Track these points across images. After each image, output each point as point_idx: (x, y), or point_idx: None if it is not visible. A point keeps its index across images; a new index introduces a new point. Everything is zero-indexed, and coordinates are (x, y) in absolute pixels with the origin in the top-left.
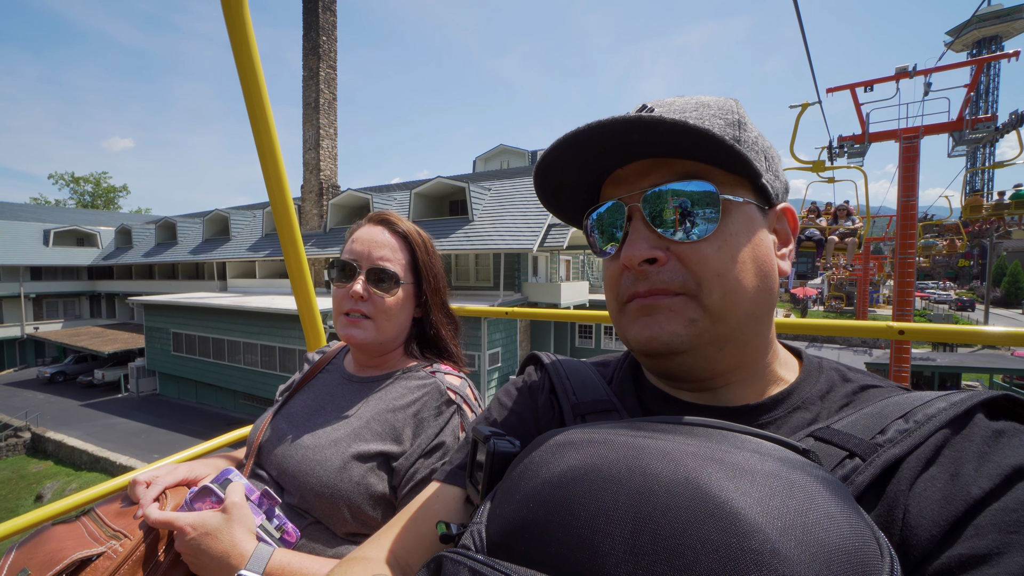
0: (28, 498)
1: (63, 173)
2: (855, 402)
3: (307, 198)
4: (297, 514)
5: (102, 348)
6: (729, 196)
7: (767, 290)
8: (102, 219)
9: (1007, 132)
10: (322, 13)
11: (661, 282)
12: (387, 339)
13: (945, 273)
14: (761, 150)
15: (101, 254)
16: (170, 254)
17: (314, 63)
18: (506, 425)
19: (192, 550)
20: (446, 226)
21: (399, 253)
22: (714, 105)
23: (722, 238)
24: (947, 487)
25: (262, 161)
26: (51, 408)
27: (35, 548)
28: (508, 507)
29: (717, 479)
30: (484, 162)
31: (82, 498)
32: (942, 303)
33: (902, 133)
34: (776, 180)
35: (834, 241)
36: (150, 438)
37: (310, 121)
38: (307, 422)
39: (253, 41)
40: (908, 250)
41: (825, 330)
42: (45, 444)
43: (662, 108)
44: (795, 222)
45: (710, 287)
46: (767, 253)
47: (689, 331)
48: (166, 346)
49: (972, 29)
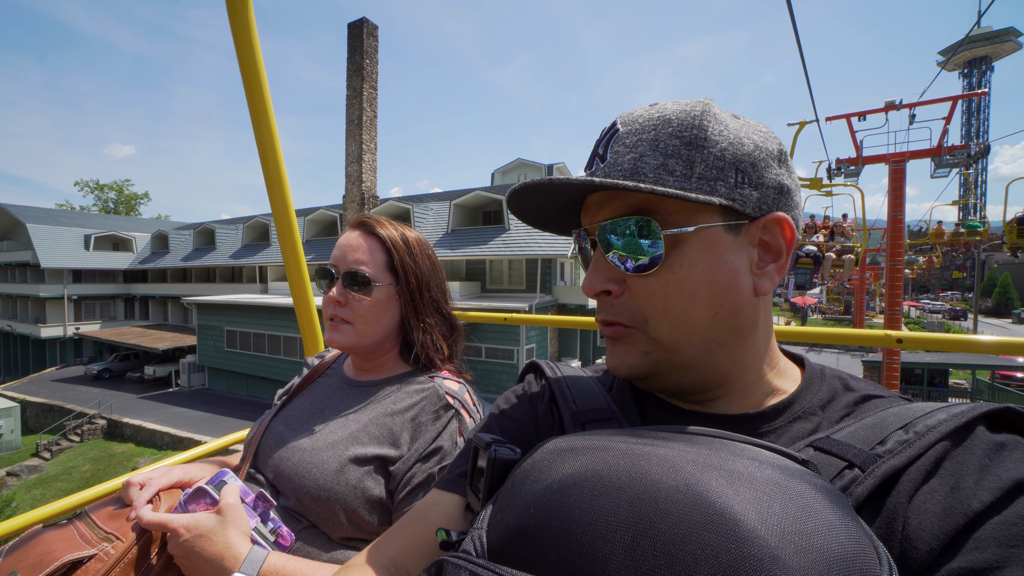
0: (125, 470)
1: (88, 180)
2: (856, 412)
3: (349, 207)
4: (292, 517)
5: (153, 345)
6: (675, 229)
7: (730, 316)
8: (135, 225)
9: (978, 159)
10: (366, 39)
11: (613, 314)
12: (370, 342)
13: (940, 284)
14: (730, 163)
15: (136, 258)
16: (209, 258)
17: (357, 83)
18: (506, 433)
19: (185, 552)
20: (485, 234)
21: (376, 255)
22: (675, 120)
23: (670, 271)
24: (947, 499)
25: (264, 170)
26: (112, 400)
27: (25, 551)
28: (509, 513)
29: (716, 486)
30: (502, 175)
31: (75, 501)
32: (936, 312)
33: (891, 157)
34: (756, 190)
35: (831, 258)
36: (216, 424)
37: (353, 136)
38: (304, 425)
39: (258, 50)
40: (897, 259)
41: (825, 338)
42: (123, 429)
43: (626, 125)
44: (790, 232)
45: (656, 322)
46: (732, 278)
47: (645, 361)
48: (219, 343)
49: (963, 50)
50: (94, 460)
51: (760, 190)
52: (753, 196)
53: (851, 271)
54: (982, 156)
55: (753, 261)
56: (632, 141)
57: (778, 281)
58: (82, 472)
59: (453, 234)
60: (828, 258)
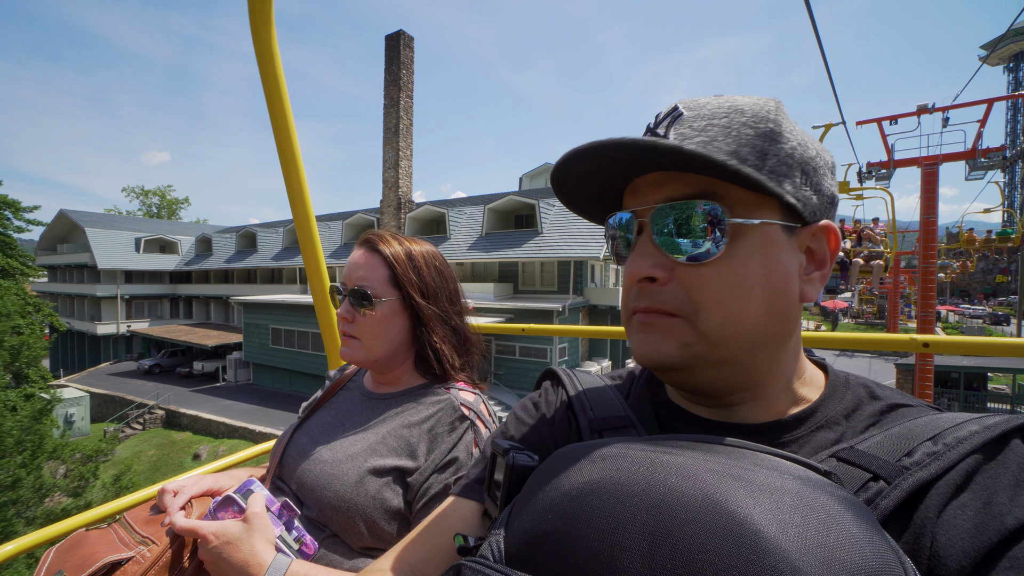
0: (187, 457)
1: (133, 187)
2: (882, 422)
3: (386, 211)
4: (315, 527)
5: (201, 342)
6: (740, 219)
7: (778, 318)
8: (179, 229)
9: (1015, 162)
10: (403, 50)
11: (659, 302)
12: (379, 356)
13: (982, 289)
14: (798, 163)
15: (182, 260)
16: (251, 260)
17: (395, 93)
18: (523, 440)
19: (214, 558)
20: (518, 237)
21: (378, 270)
22: (748, 111)
23: (728, 262)
24: (979, 515)
25: (286, 179)
26: (167, 392)
27: (71, 551)
28: (526, 519)
29: (736, 496)
30: (530, 179)
31: (114, 507)
32: (977, 318)
33: (923, 160)
34: (815, 195)
35: (859, 264)
36: (264, 415)
37: (390, 143)
38: (326, 437)
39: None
40: (930, 262)
41: (852, 344)
42: (180, 418)
43: (691, 110)
44: (836, 241)
45: (708, 314)
46: (784, 279)
47: (682, 353)
48: (264, 340)
49: (1008, 43)
50: (157, 446)
51: (819, 196)
52: (813, 200)
53: (880, 277)
54: (1020, 158)
55: (802, 266)
56: (701, 124)
57: (820, 290)
58: (149, 456)
59: (487, 237)
60: (855, 264)
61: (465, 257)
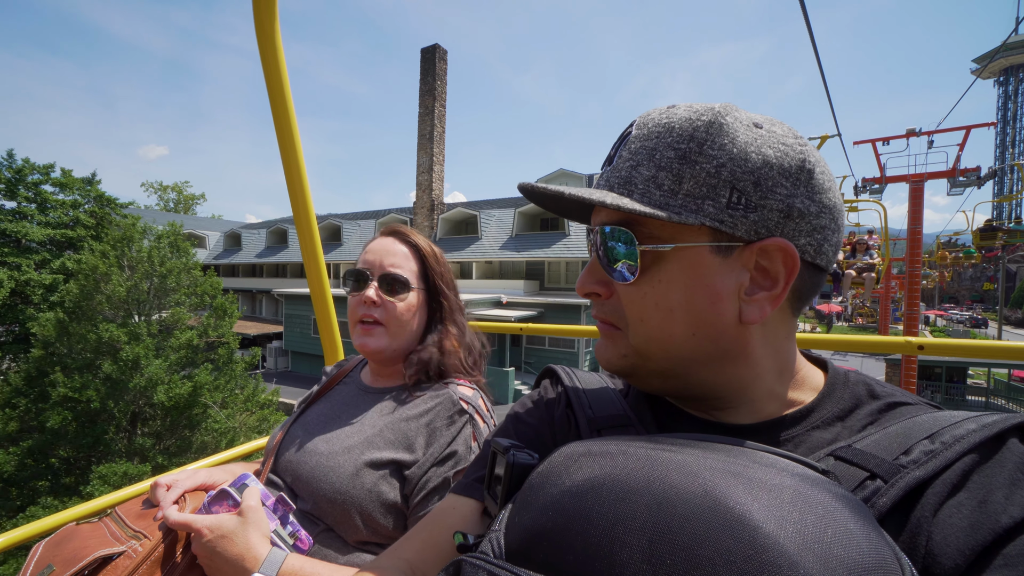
0: None
1: (152, 182)
2: (881, 420)
3: (419, 212)
4: (310, 521)
5: (245, 331)
6: (650, 246)
7: (707, 340)
8: (205, 224)
9: (987, 181)
10: (438, 62)
11: (604, 313)
12: (400, 346)
13: (970, 296)
14: (726, 180)
15: (210, 254)
16: (282, 255)
17: (429, 102)
18: (523, 438)
19: (208, 552)
20: (547, 239)
21: (410, 262)
22: (677, 129)
23: (649, 284)
24: (974, 514)
25: (287, 176)
26: None
27: (60, 545)
28: (526, 515)
29: (735, 492)
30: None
31: (106, 501)
32: (961, 322)
33: (911, 178)
34: (755, 211)
35: (851, 275)
36: None
37: (424, 149)
38: (322, 430)
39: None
40: (915, 268)
41: (847, 346)
42: None
43: (639, 129)
44: (791, 260)
45: (635, 330)
46: (711, 302)
47: (622, 363)
48: (305, 329)
49: (999, 57)
50: None
51: (759, 212)
52: (749, 218)
53: (872, 288)
54: (991, 178)
55: (742, 286)
56: (635, 147)
57: (769, 311)
58: None
59: (517, 238)
60: (848, 275)
61: (496, 256)
